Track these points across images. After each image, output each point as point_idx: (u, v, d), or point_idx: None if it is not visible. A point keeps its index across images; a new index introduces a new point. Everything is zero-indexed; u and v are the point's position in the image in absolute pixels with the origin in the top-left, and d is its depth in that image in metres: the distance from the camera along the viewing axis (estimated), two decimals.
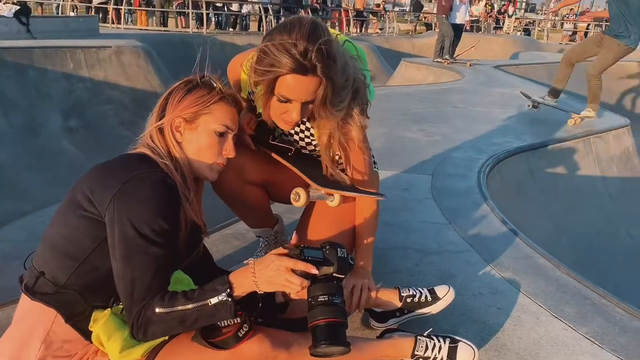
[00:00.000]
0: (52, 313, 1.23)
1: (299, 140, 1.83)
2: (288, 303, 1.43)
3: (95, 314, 1.25)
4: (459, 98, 7.13)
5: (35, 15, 13.37)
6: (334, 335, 1.18)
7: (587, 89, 5.85)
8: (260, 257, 1.26)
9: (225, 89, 1.40)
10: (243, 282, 1.20)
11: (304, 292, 1.21)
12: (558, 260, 2.42)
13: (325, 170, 1.72)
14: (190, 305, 1.15)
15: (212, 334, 1.22)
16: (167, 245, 1.20)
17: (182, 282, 1.28)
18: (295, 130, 1.80)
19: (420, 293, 1.76)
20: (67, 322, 1.24)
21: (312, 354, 1.20)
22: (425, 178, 3.59)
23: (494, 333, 1.83)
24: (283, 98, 1.42)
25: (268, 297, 1.36)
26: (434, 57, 10.85)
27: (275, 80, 1.39)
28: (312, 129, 1.74)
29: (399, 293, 1.75)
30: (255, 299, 1.25)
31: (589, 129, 5.51)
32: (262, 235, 2.15)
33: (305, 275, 1.18)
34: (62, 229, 1.26)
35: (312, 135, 1.78)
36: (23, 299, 1.28)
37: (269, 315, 1.40)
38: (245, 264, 1.23)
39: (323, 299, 1.20)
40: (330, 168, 1.70)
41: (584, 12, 26.80)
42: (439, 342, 1.56)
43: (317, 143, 1.71)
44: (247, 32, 17.56)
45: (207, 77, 1.40)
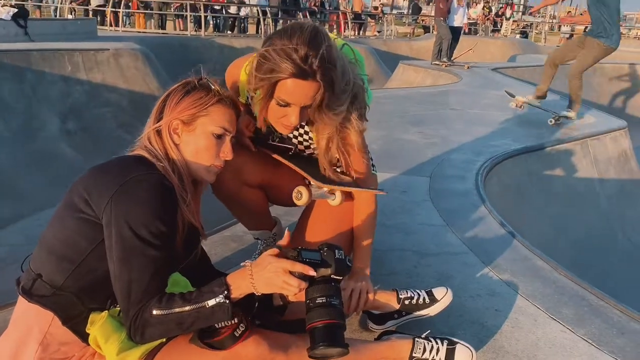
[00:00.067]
0: (49, 315, 1.23)
1: (298, 144, 1.83)
2: (286, 305, 1.43)
3: (93, 316, 1.25)
4: (457, 100, 7.15)
5: (33, 18, 13.34)
6: (332, 337, 1.18)
7: (568, 90, 5.95)
8: None
9: (223, 91, 1.41)
10: (240, 284, 1.20)
11: (302, 294, 1.22)
12: (556, 262, 2.42)
13: (324, 172, 1.72)
14: (188, 307, 1.15)
15: (208, 335, 1.22)
16: (164, 248, 1.20)
17: (179, 284, 1.28)
18: (294, 134, 1.80)
19: (418, 295, 1.76)
20: (64, 324, 1.23)
21: (310, 356, 1.20)
22: (423, 180, 3.60)
23: (492, 335, 1.83)
24: (282, 102, 1.43)
25: (266, 299, 1.36)
26: (432, 59, 10.88)
27: (275, 85, 1.40)
28: (310, 133, 1.75)
29: (397, 295, 1.75)
30: (252, 299, 1.25)
31: (587, 131, 5.53)
32: (260, 238, 2.15)
33: (303, 277, 1.18)
34: (59, 231, 1.26)
35: (310, 139, 1.78)
36: (20, 302, 1.28)
37: (267, 318, 1.40)
38: (243, 266, 1.22)
39: (321, 301, 1.20)
40: (329, 170, 1.71)
41: (582, 13, 26.89)
42: (437, 344, 1.56)
43: (315, 147, 1.71)
44: (245, 34, 17.58)
45: (204, 79, 1.40)
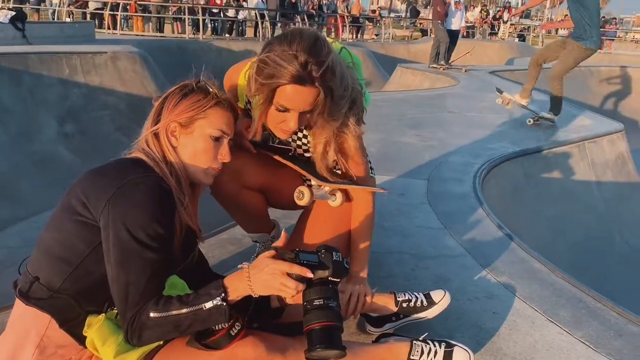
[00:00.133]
0: (46, 318, 1.23)
1: (297, 147, 1.84)
2: (283, 308, 1.43)
3: (90, 319, 1.25)
4: (455, 103, 7.16)
5: (31, 21, 13.35)
6: (330, 339, 1.18)
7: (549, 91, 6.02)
8: None
9: (221, 94, 1.41)
10: (238, 286, 1.19)
11: (299, 296, 1.21)
12: (553, 265, 2.42)
13: (322, 174, 1.72)
14: (185, 310, 1.15)
15: (205, 336, 1.21)
16: (162, 250, 1.20)
17: (176, 286, 1.28)
18: (293, 138, 1.81)
19: (416, 298, 1.76)
20: (61, 327, 1.23)
21: (307, 358, 1.20)
22: (421, 183, 3.60)
23: (490, 337, 1.83)
24: (281, 107, 1.44)
25: (263, 301, 1.36)
26: (430, 62, 10.90)
27: (275, 90, 1.41)
28: (309, 136, 1.75)
29: (395, 298, 1.75)
30: (248, 300, 1.25)
31: (584, 134, 5.54)
32: (259, 241, 2.15)
33: (301, 279, 1.18)
34: (56, 234, 1.26)
35: (309, 143, 1.78)
36: (17, 304, 1.28)
37: (264, 320, 1.40)
38: (240, 268, 1.22)
39: (318, 303, 1.19)
40: (326, 174, 1.71)
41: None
42: (435, 346, 1.56)
43: (313, 150, 1.72)
44: (243, 37, 17.60)
45: (202, 82, 1.40)
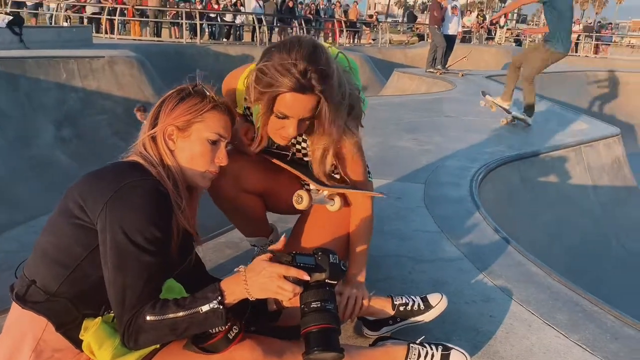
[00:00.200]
0: (42, 322, 1.22)
1: (296, 152, 1.84)
2: (280, 311, 1.43)
3: (86, 323, 1.24)
4: (451, 107, 7.19)
5: (29, 26, 13.37)
6: (327, 341, 1.18)
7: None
8: None
9: (218, 98, 1.41)
10: (235, 289, 1.19)
11: (296, 299, 1.21)
12: (550, 268, 2.43)
13: (320, 179, 1.73)
14: (182, 313, 1.15)
15: (202, 339, 1.21)
16: (159, 253, 1.20)
17: (173, 290, 1.28)
18: (292, 142, 1.81)
19: (413, 301, 1.76)
20: (57, 330, 1.23)
21: None
22: (418, 187, 3.61)
23: (487, 340, 1.83)
24: (281, 114, 1.46)
25: (260, 304, 1.36)
26: (427, 67, 10.94)
27: (275, 99, 1.42)
28: (308, 141, 1.76)
29: (392, 301, 1.76)
30: (245, 304, 1.25)
31: (580, 138, 5.56)
32: (257, 244, 2.15)
33: (298, 282, 1.19)
34: (53, 237, 1.25)
35: (308, 147, 1.79)
36: (14, 308, 1.27)
37: (261, 323, 1.40)
38: (236, 272, 1.22)
39: (316, 305, 1.20)
40: (324, 179, 1.72)
41: (575, 22, 27.15)
42: (432, 349, 1.56)
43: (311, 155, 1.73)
44: (240, 42, 17.65)
45: (199, 85, 1.41)
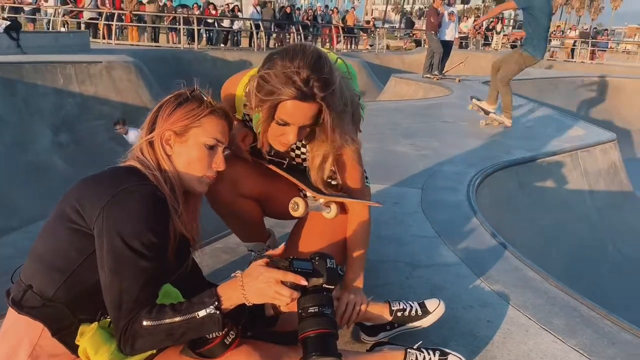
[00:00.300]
0: (38, 327, 1.22)
1: (295, 157, 1.84)
2: (278, 316, 1.42)
3: (82, 328, 1.24)
4: (448, 113, 7.20)
5: (26, 31, 13.37)
6: (325, 346, 1.18)
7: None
8: None
9: (216, 103, 1.41)
10: (231, 294, 1.19)
11: (294, 304, 1.21)
12: (547, 273, 2.43)
13: (317, 186, 1.73)
14: (178, 318, 1.15)
15: (199, 345, 1.21)
16: (155, 258, 1.20)
17: (170, 295, 1.27)
18: (292, 148, 1.81)
19: (411, 307, 1.76)
20: (53, 335, 1.22)
21: None
22: (415, 192, 3.61)
23: (484, 346, 1.83)
24: (282, 121, 1.46)
25: (257, 310, 1.36)
26: (424, 72, 10.97)
27: (276, 107, 1.42)
28: (308, 146, 1.76)
29: (390, 307, 1.76)
30: (242, 309, 1.25)
31: (577, 144, 5.58)
32: (254, 249, 2.14)
33: (295, 287, 1.18)
34: (50, 242, 1.25)
35: (307, 153, 1.79)
36: (10, 313, 1.27)
37: (259, 329, 1.40)
38: (233, 277, 1.22)
39: (313, 310, 1.19)
40: (322, 186, 1.72)
41: (571, 28, 27.35)
42: (429, 354, 1.56)
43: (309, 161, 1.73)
44: (238, 48, 17.68)
45: (197, 90, 1.41)
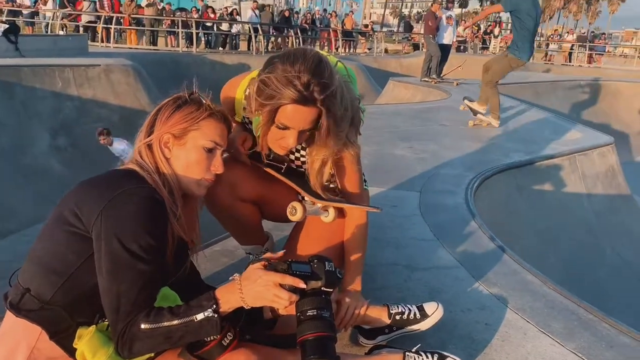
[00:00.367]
0: (36, 330, 1.22)
1: (295, 159, 1.85)
2: (276, 319, 1.42)
3: (80, 331, 1.23)
4: (446, 116, 7.21)
5: (24, 34, 13.37)
6: (323, 350, 1.18)
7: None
8: None
9: (214, 106, 1.41)
10: (230, 297, 1.19)
11: (292, 307, 1.21)
12: (545, 276, 2.43)
13: (316, 190, 1.73)
14: (176, 322, 1.14)
15: (197, 347, 1.21)
16: (154, 261, 1.20)
17: (168, 298, 1.27)
18: (291, 150, 1.81)
19: (409, 310, 1.76)
20: (51, 338, 1.22)
21: None
22: (414, 195, 3.61)
23: (482, 349, 1.83)
24: (282, 125, 1.46)
25: (256, 313, 1.36)
26: (422, 76, 10.98)
27: (276, 111, 1.42)
28: (307, 149, 1.76)
29: (388, 310, 1.76)
30: (240, 310, 1.25)
31: (574, 147, 5.59)
32: (252, 253, 2.14)
33: (294, 290, 1.18)
34: (48, 245, 1.25)
35: (307, 156, 1.79)
36: (7, 316, 1.26)
37: (257, 332, 1.40)
38: (231, 280, 1.22)
39: (312, 314, 1.19)
40: (320, 190, 1.72)
41: (569, 32, 27.44)
42: (427, 358, 1.55)
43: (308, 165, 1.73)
44: (236, 51, 17.70)
45: (195, 93, 1.41)
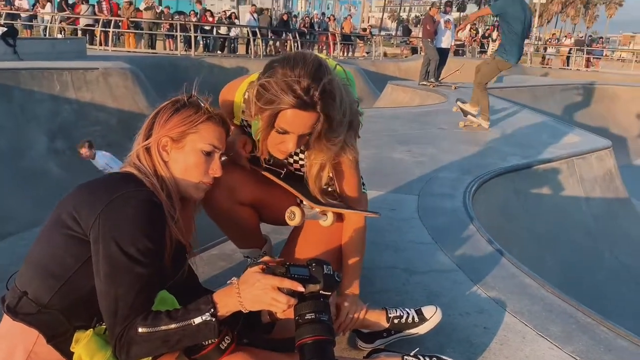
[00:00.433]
0: (33, 334, 1.21)
1: (294, 162, 1.84)
2: (274, 322, 1.42)
3: (77, 335, 1.23)
4: (445, 120, 7.22)
5: (23, 37, 13.36)
6: (322, 353, 1.17)
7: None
8: None
9: (213, 109, 1.41)
10: (228, 301, 1.19)
11: (290, 310, 1.21)
12: (543, 280, 2.43)
13: (314, 195, 1.73)
14: (174, 325, 1.14)
15: (194, 350, 1.20)
16: (151, 265, 1.19)
17: (166, 301, 1.27)
18: (290, 154, 1.81)
19: (408, 314, 1.76)
20: (48, 342, 1.21)
21: None
22: (412, 198, 3.61)
23: (481, 352, 1.83)
24: (281, 130, 1.45)
25: (254, 316, 1.35)
26: (420, 80, 10.99)
27: (276, 116, 1.42)
28: (306, 153, 1.76)
29: (387, 314, 1.75)
30: (238, 314, 1.24)
31: (572, 151, 5.60)
32: (250, 256, 2.13)
33: (292, 294, 1.18)
34: (46, 248, 1.25)
35: (305, 160, 1.79)
36: (5, 320, 1.26)
37: (255, 335, 1.39)
38: (229, 284, 1.22)
39: (310, 317, 1.19)
40: (319, 194, 1.72)
41: (566, 36, 27.49)
42: None
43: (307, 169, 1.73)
44: (235, 54, 17.71)
45: (194, 97, 1.41)
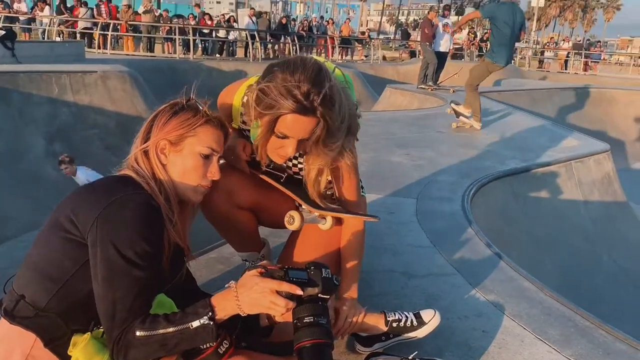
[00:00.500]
0: (31, 337, 1.21)
1: (292, 166, 1.84)
2: (272, 326, 1.42)
3: (75, 338, 1.22)
4: (443, 123, 7.23)
5: (21, 40, 13.37)
6: (321, 356, 1.17)
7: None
8: None
9: (211, 112, 1.41)
10: (226, 305, 1.19)
11: (289, 314, 1.20)
12: (542, 283, 2.43)
13: (313, 199, 1.73)
14: (172, 329, 1.14)
15: (192, 354, 1.20)
16: (149, 268, 1.19)
17: (164, 305, 1.26)
18: (289, 158, 1.81)
19: (406, 317, 1.76)
20: (46, 346, 1.21)
21: None
22: (411, 201, 3.61)
23: (479, 356, 1.82)
24: (281, 134, 1.45)
25: (252, 320, 1.35)
26: (418, 83, 11.01)
27: (276, 121, 1.42)
28: (305, 157, 1.76)
29: (385, 317, 1.75)
30: (236, 318, 1.24)
31: (571, 154, 5.61)
32: (248, 259, 2.13)
33: (290, 297, 1.18)
34: (43, 251, 1.24)
35: (304, 164, 1.79)
36: (2, 323, 1.25)
37: (253, 339, 1.39)
38: (227, 287, 1.22)
39: (309, 320, 1.19)
40: (318, 198, 1.72)
41: (565, 39, 27.58)
42: None
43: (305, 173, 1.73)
44: (233, 58, 17.74)
45: (192, 100, 1.41)
